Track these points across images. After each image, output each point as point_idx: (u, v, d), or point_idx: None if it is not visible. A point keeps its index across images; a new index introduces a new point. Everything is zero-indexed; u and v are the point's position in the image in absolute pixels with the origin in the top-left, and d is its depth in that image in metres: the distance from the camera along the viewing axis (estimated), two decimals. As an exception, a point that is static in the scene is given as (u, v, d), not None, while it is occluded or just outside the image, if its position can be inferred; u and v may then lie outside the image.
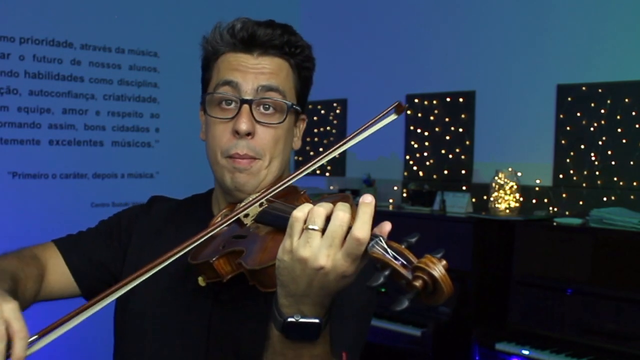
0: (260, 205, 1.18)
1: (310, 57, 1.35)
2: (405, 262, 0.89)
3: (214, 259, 1.13)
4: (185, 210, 1.44)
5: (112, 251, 1.41)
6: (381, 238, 0.91)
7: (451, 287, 0.86)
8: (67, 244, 1.41)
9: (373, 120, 1.14)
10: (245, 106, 1.24)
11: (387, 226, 0.94)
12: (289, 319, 0.97)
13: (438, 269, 0.85)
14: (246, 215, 1.19)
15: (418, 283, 0.85)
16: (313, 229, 0.93)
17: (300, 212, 0.95)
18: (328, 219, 0.93)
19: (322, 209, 0.94)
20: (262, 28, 1.26)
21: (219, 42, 1.28)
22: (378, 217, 0.92)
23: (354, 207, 1.02)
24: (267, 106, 1.26)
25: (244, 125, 1.23)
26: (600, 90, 3.30)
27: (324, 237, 0.93)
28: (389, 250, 0.90)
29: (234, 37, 1.27)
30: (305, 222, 0.95)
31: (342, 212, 0.93)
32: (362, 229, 0.90)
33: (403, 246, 0.91)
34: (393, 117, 1.15)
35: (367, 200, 0.92)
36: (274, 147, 1.28)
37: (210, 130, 1.29)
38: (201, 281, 1.20)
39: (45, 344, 1.01)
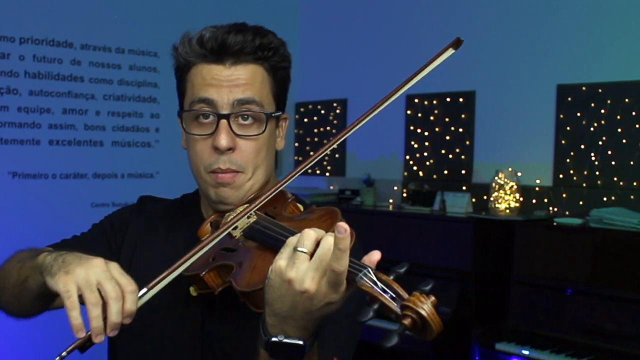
0: (249, 217, 1.16)
1: (285, 55, 1.29)
2: (394, 295, 0.88)
3: (203, 272, 1.12)
4: (176, 211, 1.43)
5: (106, 253, 1.40)
6: (369, 269, 0.91)
7: (440, 325, 0.86)
8: (63, 248, 1.40)
9: (433, 59, 1.15)
10: (223, 121, 1.21)
11: (375, 255, 0.93)
12: (273, 339, 0.97)
13: (426, 307, 0.85)
14: (235, 227, 1.17)
15: (407, 321, 0.85)
16: (302, 251, 0.93)
17: (295, 239, 0.96)
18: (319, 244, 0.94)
19: (313, 232, 0.95)
20: (231, 35, 1.22)
21: (189, 54, 1.25)
22: (378, 218, 0.92)
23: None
24: (245, 116, 1.24)
25: (223, 141, 1.21)
26: (600, 90, 3.30)
27: (312, 260, 0.93)
28: (377, 282, 0.89)
29: (203, 47, 1.23)
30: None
31: (331, 237, 0.93)
32: (337, 262, 0.90)
33: (391, 278, 0.90)
34: (451, 51, 1.16)
35: (341, 235, 0.90)
36: (256, 158, 1.25)
37: (190, 145, 1.27)
38: (193, 291, 1.19)
39: (152, 295, 1.06)
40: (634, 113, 3.19)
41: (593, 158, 3.32)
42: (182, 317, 1.27)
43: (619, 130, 3.23)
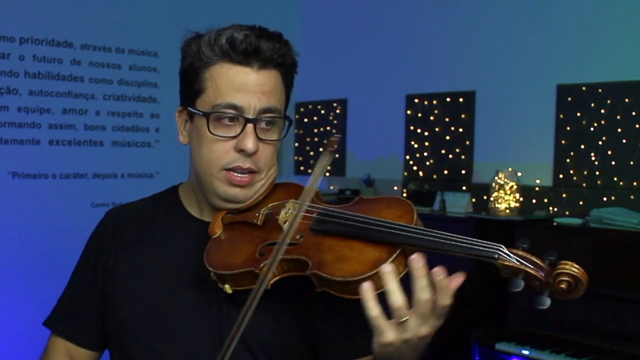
0: (295, 210, 1.20)
1: (296, 61, 1.34)
2: (532, 266, 1.04)
3: (260, 267, 1.13)
4: (155, 213, 1.41)
5: (101, 296, 1.37)
6: (502, 247, 1.04)
7: (587, 279, 1.05)
8: (62, 323, 1.40)
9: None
10: (250, 125, 1.24)
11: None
12: None
13: (575, 269, 1.05)
14: (285, 221, 1.21)
15: (564, 285, 1.03)
16: (404, 321, 1.03)
17: (374, 311, 1.03)
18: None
19: (401, 301, 1.03)
20: (263, 41, 1.24)
21: (214, 51, 1.25)
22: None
23: (418, 217, 1.12)
24: (268, 122, 1.27)
25: (251, 144, 1.23)
26: (600, 90, 3.30)
27: (417, 318, 1.03)
28: (513, 256, 1.05)
29: (233, 48, 1.23)
30: (382, 310, 1.03)
31: (424, 295, 1.02)
32: (446, 296, 1.03)
33: (523, 251, 1.05)
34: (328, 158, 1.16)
35: (420, 267, 1.04)
36: (271, 160, 1.29)
37: (207, 144, 1.26)
38: (228, 289, 1.19)
39: None
40: (634, 113, 3.19)
41: (593, 158, 3.32)
42: (204, 309, 1.27)
43: (619, 130, 3.23)
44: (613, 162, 3.26)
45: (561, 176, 3.43)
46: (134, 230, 1.39)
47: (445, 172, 3.91)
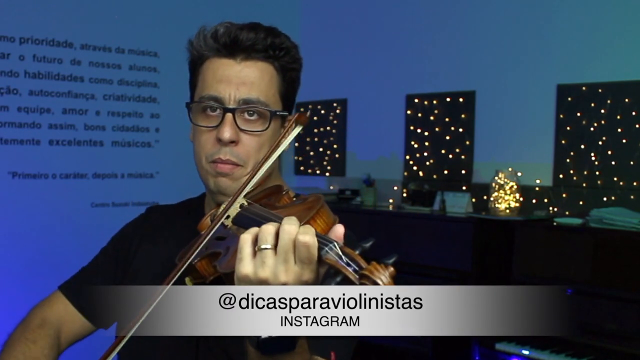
0: (241, 206, 1.19)
1: (296, 57, 1.33)
2: (357, 268, 0.88)
3: (196, 260, 1.13)
4: (180, 214, 1.47)
5: (117, 277, 1.44)
6: (336, 244, 0.91)
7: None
8: (74, 288, 1.46)
9: (278, 140, 1.14)
10: (229, 115, 1.25)
11: (340, 229, 0.95)
12: (263, 336, 0.94)
13: (383, 276, 0.86)
14: (228, 217, 1.19)
15: None
16: (265, 248, 0.92)
17: (248, 234, 0.95)
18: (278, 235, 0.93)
19: (270, 226, 0.94)
20: (244, 32, 1.26)
21: (202, 47, 1.28)
22: (378, 218, 0.92)
23: (325, 210, 1.02)
24: (251, 112, 1.27)
25: (227, 133, 1.24)
26: (600, 90, 3.30)
27: (277, 254, 0.92)
28: (342, 256, 0.89)
29: (217, 42, 1.26)
30: (254, 243, 0.94)
31: (287, 225, 0.92)
32: (306, 233, 0.90)
33: (357, 252, 0.90)
34: (298, 129, 1.14)
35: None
36: (257, 154, 1.28)
37: (196, 136, 1.31)
38: (188, 282, 1.20)
39: None
40: (634, 113, 3.20)
41: (593, 158, 3.32)
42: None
43: (619, 130, 3.24)
44: (613, 162, 3.26)
45: (561, 176, 3.43)
46: (157, 228, 1.45)
47: (445, 172, 3.91)
